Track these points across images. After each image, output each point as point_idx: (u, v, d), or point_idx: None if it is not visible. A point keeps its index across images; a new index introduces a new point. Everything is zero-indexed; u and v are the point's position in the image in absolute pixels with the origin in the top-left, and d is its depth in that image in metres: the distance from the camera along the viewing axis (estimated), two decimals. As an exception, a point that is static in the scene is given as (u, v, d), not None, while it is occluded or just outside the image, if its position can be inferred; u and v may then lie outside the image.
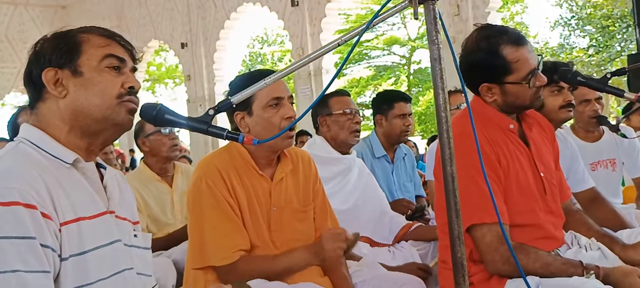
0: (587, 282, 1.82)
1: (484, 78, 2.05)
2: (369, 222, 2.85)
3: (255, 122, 2.09)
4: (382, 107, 3.41)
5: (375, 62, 24.80)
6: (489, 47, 2.02)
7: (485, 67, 2.03)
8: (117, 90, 1.41)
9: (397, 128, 3.38)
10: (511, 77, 2.01)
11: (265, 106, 2.07)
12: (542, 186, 2.10)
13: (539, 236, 2.04)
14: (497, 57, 2.00)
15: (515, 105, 2.07)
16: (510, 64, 2.00)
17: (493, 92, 2.06)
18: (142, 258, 1.53)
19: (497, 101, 2.08)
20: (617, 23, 18.23)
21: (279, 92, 2.08)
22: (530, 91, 2.02)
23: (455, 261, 1.39)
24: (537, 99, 2.06)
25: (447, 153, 1.42)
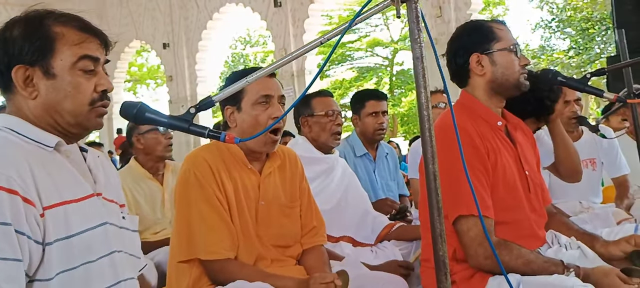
0: (566, 279, 1.85)
1: (473, 47, 2.10)
2: (352, 221, 2.85)
3: (242, 118, 2.09)
4: (355, 106, 3.45)
5: (358, 64, 24.87)
6: (478, 23, 2.16)
7: (475, 38, 2.12)
8: (89, 95, 1.40)
9: (370, 126, 3.38)
10: (498, 43, 2.08)
11: (254, 103, 2.07)
12: (527, 184, 2.12)
13: (523, 233, 2.07)
14: (484, 28, 2.12)
15: (506, 78, 2.09)
16: (494, 31, 2.10)
17: (483, 64, 2.10)
18: (131, 240, 1.53)
19: (486, 76, 2.10)
20: (596, 25, 18.47)
21: (269, 90, 2.08)
22: (517, 64, 2.08)
23: (437, 259, 1.39)
24: (525, 79, 2.10)
25: (429, 151, 1.42)
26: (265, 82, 2.09)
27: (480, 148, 2.00)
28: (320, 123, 2.91)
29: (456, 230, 1.97)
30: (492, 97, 2.13)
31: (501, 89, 2.11)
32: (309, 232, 2.26)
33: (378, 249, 2.81)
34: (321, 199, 2.65)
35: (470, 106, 2.12)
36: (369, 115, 3.39)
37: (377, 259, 2.69)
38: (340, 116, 2.96)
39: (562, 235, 2.20)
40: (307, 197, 2.30)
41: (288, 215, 2.19)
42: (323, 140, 2.91)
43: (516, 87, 2.11)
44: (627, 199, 3.58)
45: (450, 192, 1.92)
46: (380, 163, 3.50)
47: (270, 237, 2.12)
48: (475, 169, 1.97)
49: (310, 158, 2.85)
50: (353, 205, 2.89)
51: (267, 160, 2.18)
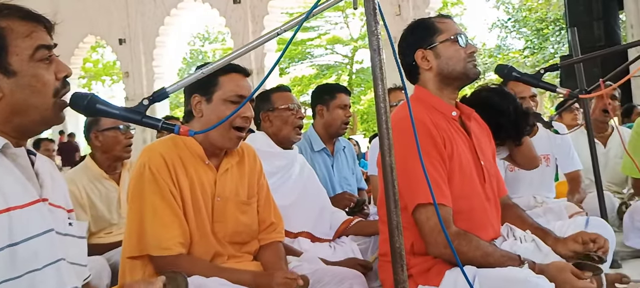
0: (520, 271, 1.87)
1: (417, 45, 2.14)
2: (310, 217, 2.83)
3: (211, 110, 2.07)
4: (323, 97, 3.40)
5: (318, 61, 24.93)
6: (420, 21, 2.20)
7: (417, 35, 2.15)
8: (53, 85, 1.35)
9: (339, 118, 3.38)
10: (440, 36, 2.11)
11: (227, 100, 2.06)
12: (482, 174, 2.15)
13: (477, 223, 2.09)
14: (426, 24, 2.15)
15: (452, 69, 2.11)
16: (436, 25, 2.13)
17: (428, 59, 2.13)
18: (77, 247, 1.47)
19: (433, 70, 2.13)
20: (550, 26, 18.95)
21: (244, 90, 2.09)
22: (461, 52, 2.10)
23: (393, 251, 1.39)
24: (473, 66, 2.12)
25: (386, 144, 1.42)
26: (241, 81, 2.10)
27: (436, 138, 2.02)
28: (281, 117, 2.89)
29: (416, 220, 1.98)
30: (443, 90, 2.15)
31: (450, 80, 2.13)
32: (266, 228, 2.24)
33: (336, 245, 2.80)
34: (280, 195, 2.63)
35: (424, 99, 2.14)
36: (338, 107, 3.38)
37: (336, 255, 2.68)
38: (301, 110, 2.94)
39: (517, 228, 2.23)
40: (265, 193, 2.28)
41: (245, 211, 2.16)
42: (285, 134, 2.88)
43: (464, 75, 2.13)
44: (578, 194, 3.67)
45: (409, 182, 1.94)
46: (338, 157, 3.49)
47: (226, 234, 2.10)
48: (432, 158, 1.98)
49: (270, 153, 2.83)
50: (311, 201, 2.87)
51: (225, 156, 2.15)
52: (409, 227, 1.98)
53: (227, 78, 2.07)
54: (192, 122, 2.11)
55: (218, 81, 2.07)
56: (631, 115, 6.18)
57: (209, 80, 2.03)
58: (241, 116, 2.06)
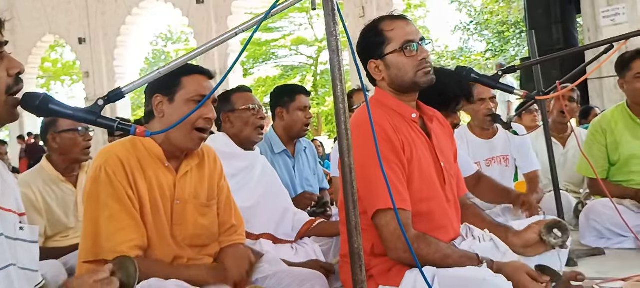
0: (479, 271, 1.90)
1: (368, 55, 2.13)
2: (272, 219, 2.82)
3: (173, 110, 2.04)
4: (283, 99, 3.38)
5: (282, 62, 24.88)
6: (371, 27, 2.15)
7: (368, 44, 2.14)
8: (5, 82, 1.31)
9: (299, 121, 3.36)
10: (388, 47, 2.09)
11: (189, 100, 2.03)
12: (442, 176, 2.17)
13: (438, 224, 2.11)
14: (376, 32, 2.12)
15: (402, 80, 2.10)
16: (385, 34, 2.10)
17: (380, 69, 2.13)
18: (28, 252, 1.42)
19: (386, 80, 2.13)
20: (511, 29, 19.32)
21: (205, 90, 2.06)
22: (410, 62, 2.07)
23: (352, 252, 1.39)
24: (425, 74, 2.09)
25: (345, 144, 1.42)
26: (203, 81, 2.08)
27: (395, 142, 2.02)
28: (242, 118, 2.87)
29: (375, 224, 1.99)
30: (400, 95, 2.15)
31: (402, 89, 2.13)
32: (227, 230, 2.22)
33: (298, 246, 2.80)
34: (241, 196, 2.61)
35: (383, 102, 2.14)
36: (299, 109, 3.36)
37: (298, 256, 2.68)
38: (263, 110, 2.93)
39: (476, 227, 2.26)
40: (226, 195, 2.26)
41: (205, 214, 2.14)
42: (246, 134, 2.86)
43: (415, 85, 2.11)
44: (537, 194, 3.74)
45: (368, 187, 1.94)
46: (299, 159, 3.48)
47: (186, 237, 2.07)
48: (391, 163, 1.99)
49: (231, 154, 2.81)
50: (273, 203, 2.86)
51: (185, 158, 2.12)
52: (369, 228, 1.99)
53: (190, 79, 2.05)
54: (152, 123, 2.08)
55: (180, 81, 2.04)
56: (589, 117, 6.32)
57: (171, 81, 2.00)
58: (203, 117, 2.03)
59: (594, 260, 3.15)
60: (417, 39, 2.09)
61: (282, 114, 3.36)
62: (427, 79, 2.10)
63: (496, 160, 3.76)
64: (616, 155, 3.50)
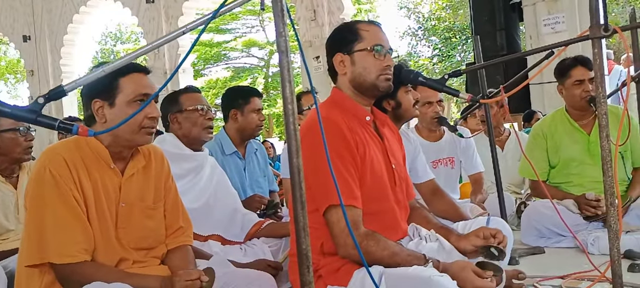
0: (425, 270, 1.93)
1: (337, 48, 2.17)
2: (221, 220, 2.80)
3: (115, 114, 1.97)
4: (237, 101, 3.36)
5: (233, 64, 24.68)
6: (348, 24, 2.23)
7: (339, 38, 2.19)
8: None
9: (253, 122, 3.35)
10: (359, 44, 2.14)
11: (131, 101, 1.97)
12: (393, 177, 2.21)
13: (387, 224, 2.15)
14: (350, 29, 2.19)
15: (364, 79, 2.15)
16: (359, 33, 2.15)
17: (345, 64, 2.16)
18: None
19: (348, 75, 2.16)
20: (457, 35, 19.74)
21: (147, 88, 2.01)
22: (376, 63, 2.13)
23: (300, 252, 1.39)
24: (386, 80, 2.15)
25: (294, 145, 1.42)
26: (141, 80, 2.01)
27: (349, 140, 2.05)
28: (190, 118, 2.84)
29: (327, 220, 2.01)
30: (357, 95, 2.19)
31: (362, 89, 2.17)
32: (174, 232, 2.18)
33: (247, 247, 2.79)
34: (189, 198, 2.59)
35: (339, 102, 2.18)
36: (253, 111, 3.35)
37: (246, 257, 2.67)
38: (211, 111, 2.90)
39: (423, 228, 2.31)
40: (173, 197, 2.22)
41: (151, 216, 2.10)
42: (195, 135, 2.83)
43: (375, 88, 2.16)
44: (481, 195, 3.84)
45: (321, 183, 1.96)
46: (250, 160, 3.47)
47: (131, 240, 2.03)
48: (345, 160, 2.02)
49: (179, 155, 2.77)
50: (222, 204, 2.84)
51: (131, 160, 2.08)
52: (320, 227, 2.01)
53: (127, 79, 1.98)
54: (94, 127, 2.01)
55: (118, 84, 1.97)
56: (531, 121, 6.52)
57: (109, 84, 1.94)
58: (148, 116, 1.99)
59: (534, 259, 3.26)
60: (386, 46, 2.16)
61: (236, 116, 3.34)
62: (386, 85, 2.16)
63: (442, 162, 3.84)
64: (556, 158, 3.63)
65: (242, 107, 3.34)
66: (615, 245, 1.96)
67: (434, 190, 3.11)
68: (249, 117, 3.34)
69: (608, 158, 1.92)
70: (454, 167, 3.88)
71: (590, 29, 1.90)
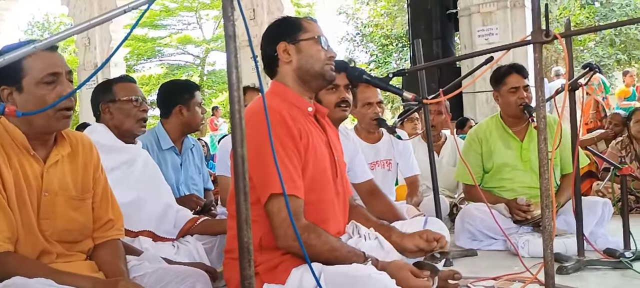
0: (364, 268, 1.92)
1: (280, 37, 2.15)
2: (153, 215, 2.68)
3: (26, 99, 1.83)
4: (182, 96, 3.27)
5: (168, 60, 24.18)
6: (289, 17, 2.24)
7: (283, 28, 2.18)
8: None
9: (198, 117, 3.30)
10: (304, 34, 2.14)
11: (39, 83, 1.83)
12: (335, 168, 2.20)
13: (325, 215, 2.13)
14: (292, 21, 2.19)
15: (310, 67, 2.14)
16: (302, 23, 2.17)
17: (289, 53, 2.14)
18: None
19: (292, 64, 2.14)
20: (394, 43, 20.10)
21: (56, 66, 1.86)
22: (321, 53, 2.14)
23: (241, 245, 1.34)
24: (331, 69, 2.16)
25: (239, 134, 1.37)
26: (49, 58, 1.86)
27: (292, 129, 2.02)
28: (123, 109, 2.72)
29: (267, 211, 1.97)
30: (301, 86, 2.17)
31: (308, 77, 2.15)
32: (103, 225, 2.06)
33: (180, 244, 2.69)
34: (120, 191, 2.46)
35: (281, 93, 2.15)
36: (197, 105, 3.29)
37: (179, 254, 2.57)
38: (146, 102, 2.79)
39: (362, 226, 2.30)
40: (103, 188, 2.09)
41: (77, 207, 1.98)
42: (127, 127, 2.72)
43: (321, 76, 2.16)
44: (416, 197, 3.89)
45: (262, 173, 1.92)
46: (186, 156, 3.38)
47: (55, 232, 1.90)
48: (287, 149, 1.99)
49: (111, 147, 2.65)
50: (154, 199, 2.73)
51: (54, 146, 1.95)
52: (259, 219, 1.96)
53: (32, 59, 1.83)
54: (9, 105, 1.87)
55: (22, 66, 1.83)
56: (464, 127, 6.70)
57: (12, 69, 1.79)
58: (60, 95, 1.84)
59: (468, 261, 3.33)
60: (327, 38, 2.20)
61: (181, 111, 3.25)
62: (331, 76, 2.18)
63: (380, 164, 3.86)
64: (490, 163, 3.72)
65: (187, 102, 3.26)
66: (549, 246, 2.01)
67: (371, 191, 3.12)
68: (194, 112, 3.27)
69: (545, 162, 1.97)
70: (391, 169, 3.91)
71: (532, 33, 1.95)
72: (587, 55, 15.86)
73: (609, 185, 4.53)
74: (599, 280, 2.82)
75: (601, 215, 3.43)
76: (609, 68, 15.93)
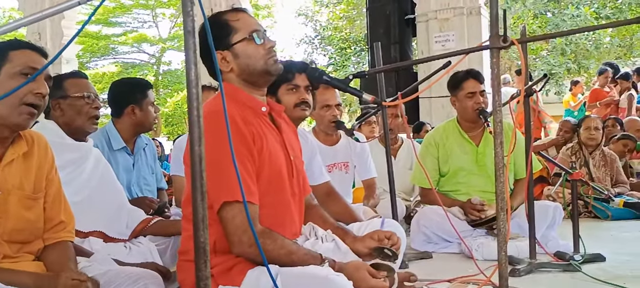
0: (321, 269, 1.92)
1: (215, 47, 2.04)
2: (104, 215, 2.61)
3: None
4: (134, 96, 3.19)
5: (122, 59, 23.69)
6: (214, 19, 2.11)
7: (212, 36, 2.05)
8: None
9: (151, 117, 3.23)
10: (235, 36, 2.07)
11: (17, 73, 1.82)
12: (291, 169, 2.16)
13: (282, 219, 2.10)
14: (220, 24, 2.08)
15: (253, 68, 2.08)
16: (230, 24, 2.08)
17: (228, 60, 2.09)
18: None
19: (234, 71, 2.09)
20: (352, 46, 20.21)
21: (37, 64, 1.86)
22: (259, 49, 2.07)
23: (197, 246, 1.30)
24: (274, 62, 2.09)
25: (196, 132, 1.34)
26: (34, 56, 1.88)
27: (245, 134, 1.98)
28: (75, 106, 2.64)
29: (221, 218, 1.93)
30: (250, 86, 2.12)
31: (253, 78, 2.10)
32: (54, 226, 2.01)
33: (132, 245, 2.62)
34: (70, 190, 2.37)
35: (233, 94, 2.09)
36: (151, 105, 3.22)
37: (131, 256, 2.50)
38: (98, 99, 2.71)
39: (319, 228, 2.29)
40: (56, 189, 2.04)
41: (30, 207, 1.92)
42: (78, 124, 2.63)
43: (266, 72, 2.10)
44: (373, 199, 3.91)
45: (215, 179, 1.87)
46: (139, 156, 3.30)
47: (5, 231, 1.84)
48: (240, 155, 1.95)
49: (61, 144, 2.56)
50: (106, 199, 2.65)
51: (10, 146, 1.89)
52: (213, 224, 1.92)
53: (19, 52, 1.85)
54: None
55: (8, 55, 1.83)
56: (421, 132, 6.78)
57: None
58: (33, 92, 1.82)
59: (423, 263, 3.36)
60: (261, 29, 2.11)
61: (134, 111, 3.17)
62: (277, 67, 2.11)
63: (337, 166, 3.86)
64: (446, 167, 3.77)
65: (140, 101, 3.19)
66: (503, 249, 2.04)
67: (328, 193, 3.11)
68: (147, 111, 3.20)
69: (501, 165, 2.00)
70: (349, 171, 3.91)
71: (490, 39, 1.97)
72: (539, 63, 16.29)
73: (560, 190, 4.65)
74: (550, 283, 2.88)
75: (552, 219, 3.52)
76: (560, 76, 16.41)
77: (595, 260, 3.19)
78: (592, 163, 5.44)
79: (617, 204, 4.94)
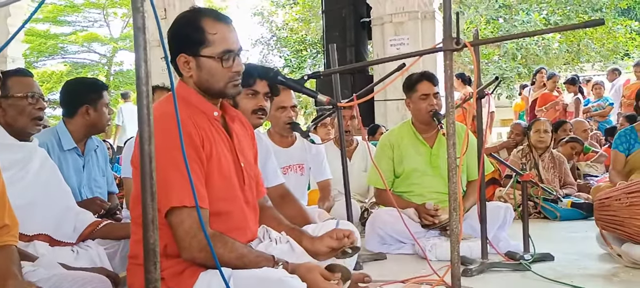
0: (275, 271, 1.90)
1: (181, 48, 2.02)
2: (50, 218, 2.51)
3: None
4: (89, 97, 3.12)
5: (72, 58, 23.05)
6: (191, 17, 2.02)
7: (183, 36, 2.02)
8: None
9: (105, 118, 3.18)
10: (206, 49, 2.00)
11: None
12: (242, 176, 2.12)
13: (235, 225, 2.07)
14: (196, 27, 2.00)
15: (211, 85, 2.04)
16: (206, 35, 2.00)
17: (190, 66, 2.03)
18: None
19: (193, 78, 2.04)
20: (308, 49, 20.21)
21: None
22: (224, 72, 2.02)
23: (147, 248, 1.26)
24: (234, 86, 2.05)
25: (146, 131, 1.30)
26: None
27: (194, 138, 1.94)
28: (18, 106, 2.53)
29: (169, 222, 1.89)
30: (203, 95, 2.07)
31: (209, 92, 2.06)
32: None
33: (80, 249, 2.53)
34: (14, 192, 2.27)
35: (185, 96, 2.04)
36: (105, 106, 3.16)
37: (79, 260, 2.42)
38: (43, 100, 2.61)
39: (273, 230, 2.26)
40: (0, 193, 1.96)
41: None
42: (21, 125, 2.53)
43: (222, 94, 2.07)
44: (328, 201, 3.90)
45: (163, 184, 1.81)
46: (89, 158, 3.21)
47: None
48: (189, 159, 1.89)
49: (3, 145, 2.46)
50: (53, 201, 2.55)
51: None
52: (164, 227, 1.87)
53: None
54: None
55: None
56: (376, 134, 6.84)
57: None
58: None
59: (377, 264, 3.37)
60: (236, 49, 2.03)
61: (87, 112, 3.10)
62: (235, 91, 2.07)
63: (292, 168, 3.84)
64: (400, 168, 3.79)
65: (95, 102, 3.12)
66: (456, 249, 2.06)
67: (283, 195, 3.08)
68: (102, 113, 3.14)
69: (453, 166, 2.02)
70: (304, 173, 3.90)
71: (444, 41, 1.99)
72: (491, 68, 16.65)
73: (511, 191, 4.75)
74: (501, 282, 2.93)
75: (503, 220, 3.58)
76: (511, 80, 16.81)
77: (544, 260, 3.26)
78: (541, 165, 5.58)
79: (566, 205, 5.07)
